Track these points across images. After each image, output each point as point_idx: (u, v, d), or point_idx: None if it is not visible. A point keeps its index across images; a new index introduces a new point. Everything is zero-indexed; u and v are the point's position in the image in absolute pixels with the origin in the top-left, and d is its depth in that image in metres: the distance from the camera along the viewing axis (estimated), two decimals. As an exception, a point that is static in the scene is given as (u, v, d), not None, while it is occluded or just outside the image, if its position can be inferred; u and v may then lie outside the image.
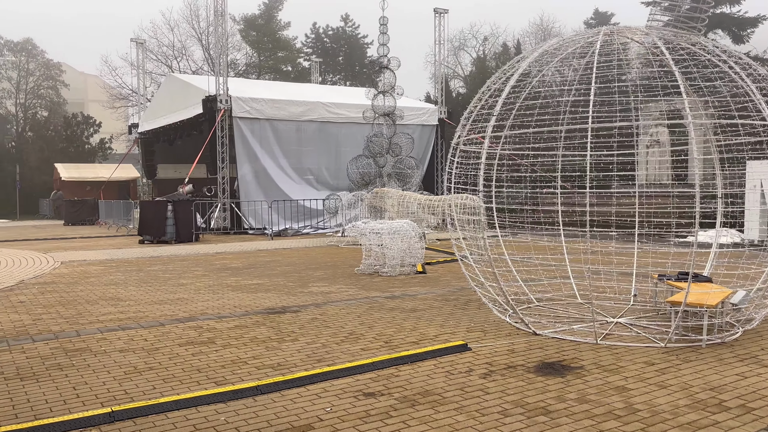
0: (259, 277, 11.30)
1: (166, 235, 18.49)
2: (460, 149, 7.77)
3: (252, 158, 22.25)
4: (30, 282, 11.04)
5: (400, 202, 14.11)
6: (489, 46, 53.27)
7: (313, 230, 21.93)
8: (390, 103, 17.11)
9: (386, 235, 11.18)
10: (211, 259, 14.17)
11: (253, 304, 8.62)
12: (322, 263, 13.17)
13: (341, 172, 23.96)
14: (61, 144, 44.79)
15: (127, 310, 8.30)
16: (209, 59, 48.27)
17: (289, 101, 23.06)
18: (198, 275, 11.59)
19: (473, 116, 7.71)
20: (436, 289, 9.66)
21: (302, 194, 22.66)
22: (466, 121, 7.64)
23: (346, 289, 9.75)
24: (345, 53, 50.49)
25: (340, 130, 23.92)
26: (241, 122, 22.06)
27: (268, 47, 49.40)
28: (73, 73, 68.83)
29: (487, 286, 7.94)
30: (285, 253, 15.23)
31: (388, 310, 8.10)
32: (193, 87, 24.55)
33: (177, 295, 9.50)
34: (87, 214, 30.75)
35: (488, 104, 7.31)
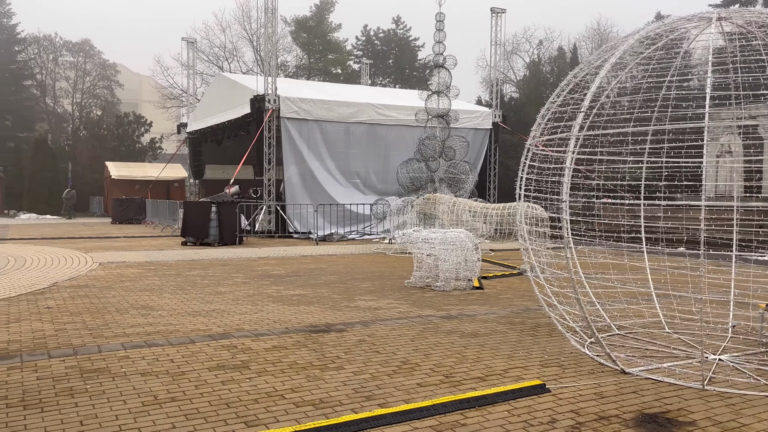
0: (302, 287, 10.48)
1: (209, 237, 17.94)
2: (535, 152, 6.77)
3: (299, 160, 21.60)
4: (63, 285, 10.49)
5: (452, 209, 13.12)
6: (543, 50, 51.74)
7: (359, 236, 21.11)
8: (444, 104, 16.17)
9: (440, 246, 10.22)
10: (253, 265, 13.46)
11: (294, 320, 7.78)
12: (369, 273, 12.29)
13: (389, 176, 23.10)
14: (113, 143, 45.32)
15: (156, 323, 7.56)
16: (260, 61, 48.21)
17: (338, 102, 22.33)
18: (237, 283, 10.85)
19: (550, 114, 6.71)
20: (497, 309, 8.65)
21: (348, 198, 21.88)
22: (542, 120, 6.64)
23: (396, 305, 8.83)
24: (395, 56, 49.72)
25: (390, 132, 23.07)
26: (288, 123, 21.43)
27: (318, 49, 49.05)
28: (127, 74, 70.13)
29: (561, 310, 6.90)
30: (330, 260, 14.42)
31: (444, 333, 7.14)
32: (242, 86, 24.10)
33: (213, 305, 8.75)
34: (134, 213, 30.71)
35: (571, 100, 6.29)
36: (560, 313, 6.87)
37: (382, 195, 22.83)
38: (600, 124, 6.80)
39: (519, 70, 54.23)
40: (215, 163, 32.24)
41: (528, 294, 9.89)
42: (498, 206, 12.61)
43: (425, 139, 15.63)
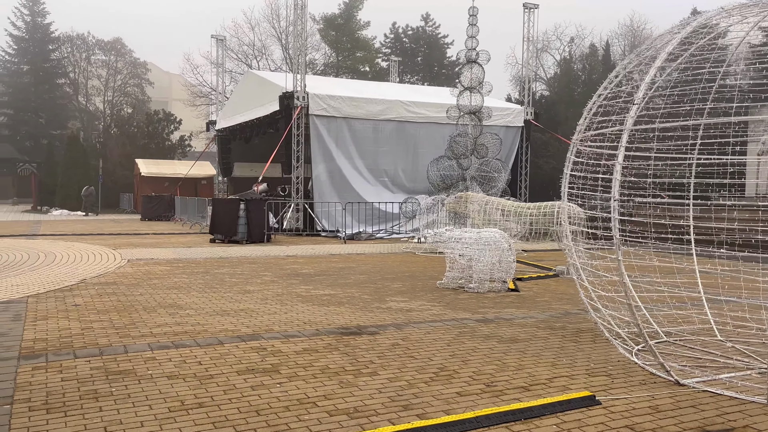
0: (331, 286, 10.23)
1: (238, 234, 17.82)
2: (580, 148, 6.41)
3: (327, 158, 21.40)
4: (91, 281, 10.39)
5: (484, 208, 12.75)
6: (575, 47, 50.87)
7: (387, 235, 20.83)
8: (477, 101, 15.79)
9: (474, 246, 9.88)
10: (282, 263, 13.27)
11: (325, 321, 7.52)
12: (399, 273, 12.00)
13: (418, 174, 22.79)
14: (143, 140, 45.73)
15: (184, 322, 7.37)
16: (288, 59, 48.25)
17: (367, 99, 22.07)
18: (266, 281, 10.65)
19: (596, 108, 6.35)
20: (535, 313, 8.29)
21: (377, 197, 21.61)
22: (588, 114, 6.27)
23: (428, 307, 8.53)
24: (424, 54, 49.34)
25: (419, 130, 22.74)
26: (317, 120, 21.24)
27: (346, 47, 48.91)
28: (158, 72, 70.92)
29: (606, 314, 6.54)
30: (359, 260, 14.16)
31: (482, 337, 6.81)
32: (271, 84, 23.98)
33: (242, 304, 8.54)
34: (163, 210, 30.85)
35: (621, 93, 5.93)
36: (605, 318, 6.50)
37: (411, 193, 22.51)
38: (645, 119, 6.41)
39: (549, 67, 53.43)
40: (244, 161, 32.26)
41: (566, 297, 9.51)
42: (533, 205, 12.22)
43: (456, 137, 15.27)
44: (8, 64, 53.35)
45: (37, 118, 51.93)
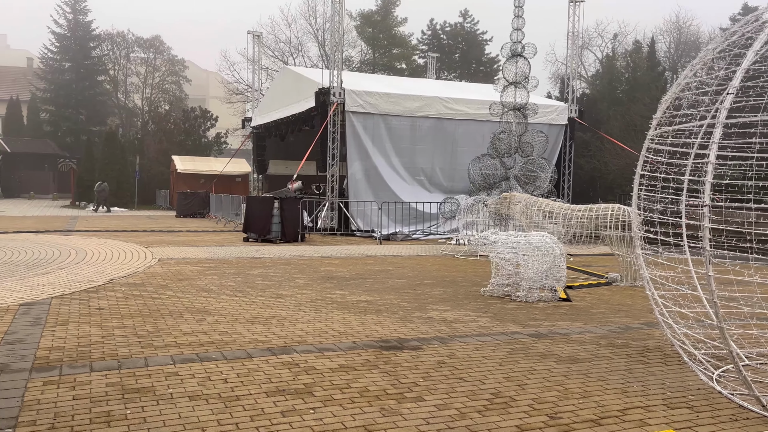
0: (368, 291, 9.63)
1: (271, 234, 17.38)
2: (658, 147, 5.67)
3: (363, 156, 20.83)
4: (119, 282, 9.99)
5: (530, 210, 12.00)
6: (618, 44, 49.33)
7: (423, 236, 20.17)
8: (522, 97, 15.02)
9: (523, 251, 9.16)
10: (316, 265, 12.73)
11: (362, 332, 6.92)
12: (439, 278, 11.34)
13: (456, 173, 22.09)
14: (180, 137, 45.88)
15: (212, 330, 6.84)
16: (324, 56, 47.86)
17: (405, 96, 21.43)
18: (300, 285, 10.10)
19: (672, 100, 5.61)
20: (593, 327, 7.54)
21: (413, 196, 20.96)
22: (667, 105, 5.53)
23: (474, 318, 7.86)
24: (462, 50, 48.42)
25: (458, 128, 22.01)
26: (353, 117, 20.68)
27: (383, 44, 48.29)
28: (195, 70, 71.39)
29: (679, 331, 5.80)
30: (396, 262, 13.54)
31: (538, 356, 6.12)
32: (307, 80, 23.51)
33: (274, 310, 8.00)
34: (198, 207, 30.71)
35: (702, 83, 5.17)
36: (679, 337, 5.75)
37: (449, 193, 21.82)
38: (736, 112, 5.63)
39: (590, 65, 51.96)
40: (278, 159, 31.94)
41: (624, 308, 8.73)
42: (582, 207, 11.43)
43: (500, 134, 14.52)
44: (51, 62, 54.15)
45: (77, 114, 52.59)
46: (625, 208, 11.16)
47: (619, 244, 11.05)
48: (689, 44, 53.29)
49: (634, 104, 41.79)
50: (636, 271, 11.05)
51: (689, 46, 53.18)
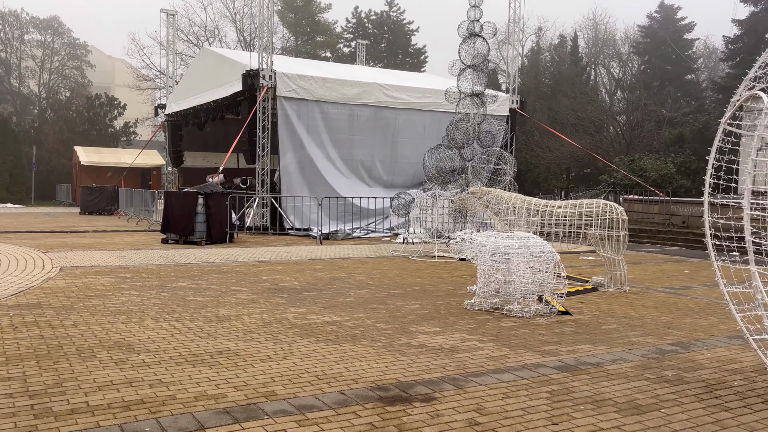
0: (330, 308, 7.89)
1: (195, 234, 15.21)
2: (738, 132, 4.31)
3: (297, 146, 18.91)
4: (6, 303, 7.74)
5: (505, 207, 10.61)
6: (541, 38, 49.39)
7: (365, 233, 18.55)
8: (480, 81, 13.65)
9: (518, 257, 7.70)
10: (255, 272, 10.82)
11: (347, 374, 5.20)
12: (405, 286, 9.73)
13: (397, 166, 20.62)
14: (83, 126, 41.98)
15: (138, 379, 4.93)
16: (243, 41, 45.19)
17: (342, 81, 19.67)
18: (243, 301, 8.22)
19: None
20: (620, 351, 6.16)
21: (352, 191, 19.28)
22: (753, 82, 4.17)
23: (476, 344, 6.30)
24: (388, 40, 46.99)
25: (398, 117, 20.49)
26: (286, 103, 18.72)
27: (305, 31, 46.12)
28: (100, 56, 66.37)
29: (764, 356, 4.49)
30: (348, 267, 11.83)
31: (589, 404, 4.63)
32: (231, 62, 21.29)
33: (218, 341, 6.13)
34: (106, 203, 27.75)
35: None
36: None
37: (389, 187, 20.32)
38: None
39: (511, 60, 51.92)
40: (196, 150, 29.37)
41: (635, 322, 7.44)
42: (564, 204, 10.15)
43: (458, 122, 13.10)
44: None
45: (-37, 100, 47.31)
46: (612, 204, 9.96)
47: (604, 244, 9.84)
48: (606, 41, 54.30)
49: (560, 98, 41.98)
50: (623, 275, 9.89)
51: (606, 43, 54.20)
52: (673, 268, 12.97)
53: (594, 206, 9.93)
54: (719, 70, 49.24)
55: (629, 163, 26.29)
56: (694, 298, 9.36)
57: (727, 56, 37.87)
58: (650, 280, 11.05)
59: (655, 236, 19.22)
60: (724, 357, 6.05)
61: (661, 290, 10.02)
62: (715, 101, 36.78)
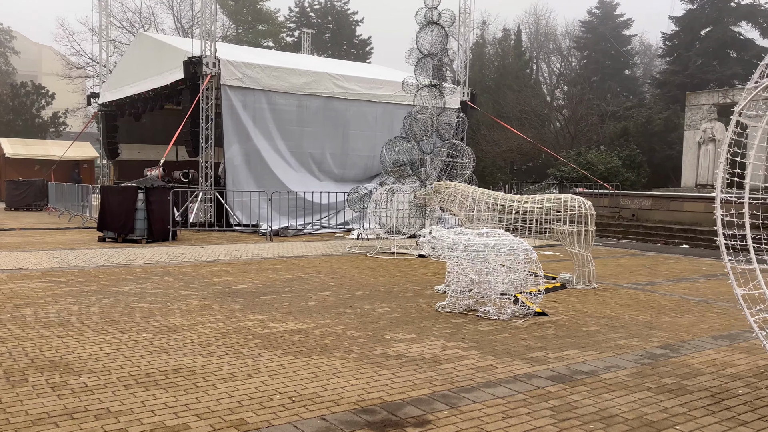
0: (293, 314, 7.25)
1: (135, 232, 14.19)
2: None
3: (243, 137, 18.01)
4: None
5: (470, 202, 10.20)
6: (486, 31, 49.55)
7: (316, 229, 17.87)
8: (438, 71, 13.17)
9: (494, 255, 7.26)
10: (204, 273, 10.04)
11: (325, 394, 4.61)
12: (369, 287, 9.17)
13: (348, 159, 20.00)
14: (7, 116, 39.42)
15: (81, 408, 4.20)
16: (181, 29, 43.46)
17: (290, 70, 18.86)
18: (195, 307, 7.48)
19: None
20: (610, 357, 5.79)
21: (302, 185, 18.54)
22: None
23: (458, 352, 5.81)
24: (332, 31, 46.10)
25: (349, 108, 19.84)
26: (231, 92, 17.78)
27: (247, 19, 44.70)
28: (25, 43, 62.81)
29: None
30: (304, 266, 11.17)
31: (598, 421, 4.21)
32: (171, 48, 20.12)
33: (172, 356, 5.43)
34: (34, 198, 25.98)
35: None
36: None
37: (340, 181, 19.69)
38: None
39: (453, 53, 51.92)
40: (133, 142, 27.86)
41: (615, 322, 7.12)
42: (530, 198, 9.80)
43: (417, 114, 12.61)
44: None
45: None
46: (580, 198, 9.68)
47: (573, 240, 9.55)
48: (547, 36, 55.04)
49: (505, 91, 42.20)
50: (592, 272, 9.63)
51: (547, 38, 54.94)
52: (632, 263, 12.89)
53: (562, 201, 9.63)
54: (654, 67, 50.67)
55: (576, 156, 26.50)
56: (663, 294, 9.18)
57: (665, 52, 38.80)
58: (614, 276, 10.87)
59: (606, 229, 19.30)
60: (717, 360, 5.77)
61: (628, 286, 9.81)
62: (654, 96, 37.64)
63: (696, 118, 22.99)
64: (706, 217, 18.59)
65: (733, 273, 4.70)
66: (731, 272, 4.62)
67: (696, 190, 22.06)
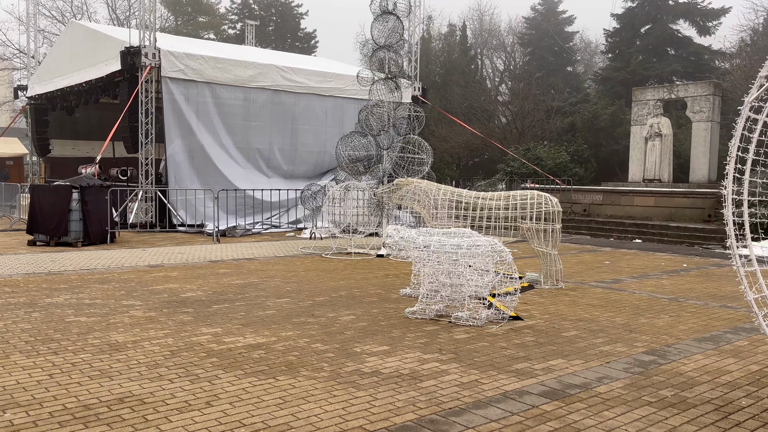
0: (250, 326, 6.60)
1: (70, 234, 13.14)
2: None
3: (186, 132, 17.05)
4: None
5: (433, 199, 9.74)
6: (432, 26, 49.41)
7: (265, 228, 17.12)
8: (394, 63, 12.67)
9: (467, 258, 6.81)
10: (148, 279, 9.23)
11: (297, 425, 4.04)
12: (329, 292, 8.59)
13: (298, 155, 19.30)
14: (-75, 110, 36.73)
15: (6, 460, 3.49)
16: (116, 20, 41.55)
17: (236, 61, 17.99)
18: (139, 320, 6.74)
19: None
20: (599, 366, 5.41)
21: (249, 181, 17.74)
22: None
23: (437, 366, 5.32)
24: (276, 23, 44.98)
25: (298, 101, 19.12)
26: (172, 84, 16.80)
27: (186, 10, 43.09)
28: (-56, 31, 58.80)
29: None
30: (256, 269, 10.47)
31: (610, 448, 3.78)
32: (106, 38, 18.91)
33: (116, 382, 4.73)
34: (-45, 198, 24.11)
35: None
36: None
37: (290, 177, 18.99)
38: None
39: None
40: (65, 138, 26.26)
41: (593, 326, 6.79)
42: (496, 195, 9.42)
43: (374, 107, 12.06)
44: None
45: None
46: (546, 195, 9.36)
47: (540, 238, 9.22)
48: (491, 32, 55.38)
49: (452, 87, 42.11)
50: (559, 271, 9.33)
51: (491, 35, 55.28)
52: (592, 259, 12.73)
53: (528, 198, 9.28)
54: (594, 63, 51.68)
55: (525, 152, 26.53)
56: (632, 293, 8.96)
57: (607, 48, 39.50)
58: (578, 274, 10.62)
59: (559, 225, 19.28)
60: (709, 367, 5.47)
61: (595, 285, 9.57)
62: (598, 92, 38.25)
63: (642, 113, 23.30)
64: (656, 211, 18.81)
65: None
66: (743, 278, 4.27)
67: (643, 184, 22.37)
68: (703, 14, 35.50)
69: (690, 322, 7.14)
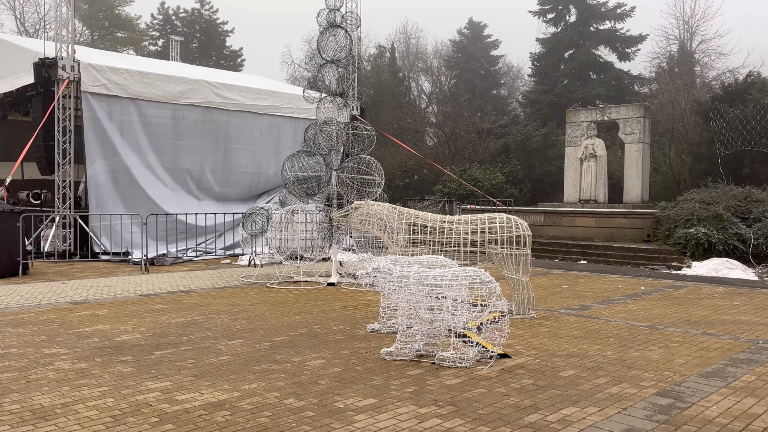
0: (203, 375, 5.61)
1: (-27, 267, 11.55)
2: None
3: (108, 152, 15.63)
4: None
5: (394, 222, 9.02)
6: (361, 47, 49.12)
7: (197, 256, 15.87)
8: (343, 80, 11.93)
9: (451, 290, 6.10)
10: (72, 320, 7.99)
11: None
12: (287, 328, 7.66)
13: (231, 176, 18.18)
14: None
15: None
16: (26, 33, 38.89)
17: (164, 76, 16.76)
18: (67, 374, 5.61)
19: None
20: (614, 412, 4.80)
21: (178, 205, 16.44)
22: None
23: (440, 424, 4.55)
24: (200, 41, 43.40)
25: (231, 120, 18.03)
26: (93, 100, 15.38)
27: (103, 25, 40.89)
28: None
29: None
30: (195, 303, 9.36)
31: None
32: (17, 48, 17.25)
33: (45, 470, 3.67)
34: None
35: None
36: None
37: (223, 200, 17.81)
38: None
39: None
40: (-33, 157, 23.90)
41: (585, 361, 6.21)
42: (462, 219, 8.80)
43: (323, 125, 11.23)
44: None
45: None
46: (515, 218, 8.82)
47: (509, 264, 8.66)
48: (418, 54, 55.82)
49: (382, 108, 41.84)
50: (531, 299, 8.79)
51: (417, 56, 55.72)
52: (548, 282, 12.34)
53: (498, 221, 8.72)
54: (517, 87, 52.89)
55: (461, 173, 26.33)
56: (607, 320, 8.51)
57: (534, 72, 40.30)
58: (542, 299, 10.12)
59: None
60: (733, 410, 4.96)
61: (565, 312, 9.08)
62: (526, 114, 38.91)
63: (576, 134, 23.57)
64: (598, 231, 18.85)
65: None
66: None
67: (579, 205, 22.51)
68: (623, 41, 36.84)
69: (684, 355, 6.69)
